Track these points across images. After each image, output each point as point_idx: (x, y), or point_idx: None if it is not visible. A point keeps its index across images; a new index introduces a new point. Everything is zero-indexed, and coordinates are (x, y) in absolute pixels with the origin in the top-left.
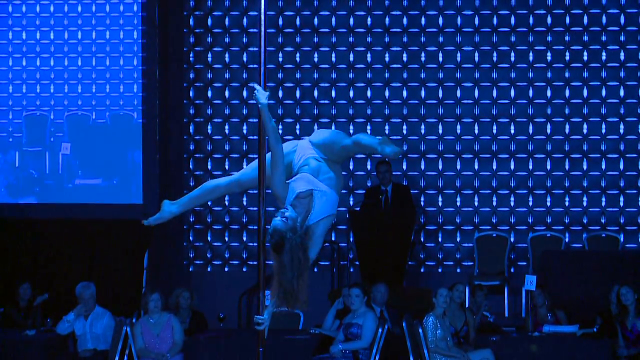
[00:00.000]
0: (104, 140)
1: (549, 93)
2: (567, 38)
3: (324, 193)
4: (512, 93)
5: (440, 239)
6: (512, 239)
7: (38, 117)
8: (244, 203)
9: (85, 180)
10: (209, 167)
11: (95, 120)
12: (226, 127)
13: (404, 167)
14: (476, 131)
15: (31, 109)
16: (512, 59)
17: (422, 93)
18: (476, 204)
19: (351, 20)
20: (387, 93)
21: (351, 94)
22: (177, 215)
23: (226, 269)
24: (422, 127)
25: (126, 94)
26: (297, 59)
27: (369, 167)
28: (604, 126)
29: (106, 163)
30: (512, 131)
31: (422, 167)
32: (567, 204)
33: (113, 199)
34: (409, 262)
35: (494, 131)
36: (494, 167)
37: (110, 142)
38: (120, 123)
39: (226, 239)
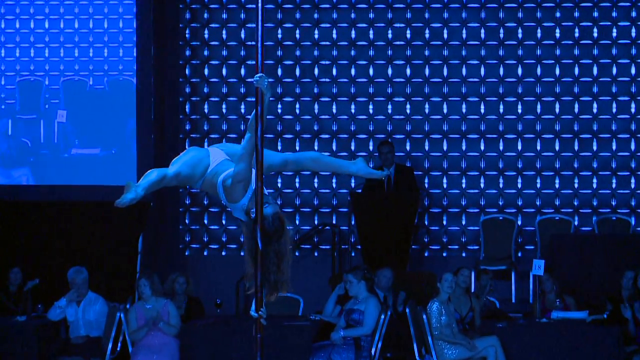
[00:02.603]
0: (102, 108)
1: (557, 71)
2: (576, 14)
3: None
4: (520, 71)
5: (444, 222)
6: (519, 222)
7: (32, 82)
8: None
9: (82, 149)
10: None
11: (93, 86)
12: (223, 106)
13: (408, 147)
14: (482, 110)
15: (25, 74)
16: (520, 35)
17: (426, 71)
18: (482, 185)
19: None
20: (390, 71)
21: (353, 72)
22: (173, 198)
23: (223, 253)
24: (426, 106)
25: (125, 59)
26: (297, 35)
27: (370, 147)
28: (614, 105)
29: (104, 131)
30: (520, 110)
31: (426, 147)
32: (576, 185)
33: (112, 169)
34: (413, 246)
35: (501, 110)
36: (501, 148)
37: (109, 109)
38: (119, 89)
39: (223, 222)
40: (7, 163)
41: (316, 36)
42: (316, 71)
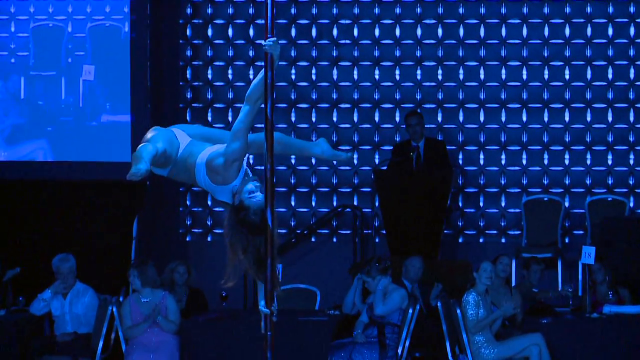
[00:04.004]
0: None
1: (610, 31)
2: None
3: None
4: (567, 31)
5: (481, 204)
6: (566, 204)
7: (50, 29)
8: (250, 161)
9: (114, 116)
10: (209, 118)
11: (129, 34)
12: (229, 71)
13: (439, 118)
14: (524, 76)
15: (41, 18)
16: None
17: (461, 31)
18: (524, 162)
19: None
20: (418, 31)
21: (377, 32)
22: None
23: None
24: (461, 71)
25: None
26: None
27: (397, 119)
28: None
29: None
30: (567, 76)
31: (461, 118)
32: (631, 162)
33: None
34: (445, 231)
35: (546, 76)
36: (546, 119)
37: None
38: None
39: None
40: (18, 134)
41: None
42: (335, 31)
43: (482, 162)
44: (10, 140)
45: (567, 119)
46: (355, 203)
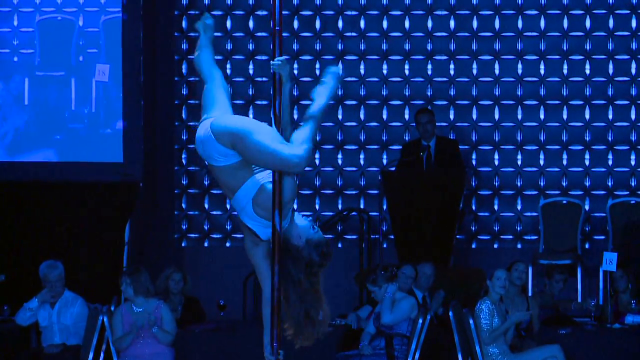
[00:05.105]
0: None
1: (633, 23)
2: None
3: None
4: (588, 23)
5: (496, 207)
6: (586, 207)
7: (59, 23)
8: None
9: None
10: None
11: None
12: (227, 65)
13: (451, 116)
14: (542, 71)
15: (48, 10)
16: None
17: (474, 23)
18: (542, 162)
19: None
20: (429, 24)
21: (384, 24)
22: (167, 177)
23: (228, 245)
24: (474, 65)
25: None
26: None
27: (406, 116)
28: None
29: None
30: (588, 71)
31: (474, 116)
32: None
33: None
34: (457, 236)
35: (565, 71)
36: (565, 117)
37: None
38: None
39: (228, 206)
40: (21, 143)
41: None
42: (340, 23)
43: (496, 162)
44: (11, 149)
45: (587, 116)
46: (361, 206)
